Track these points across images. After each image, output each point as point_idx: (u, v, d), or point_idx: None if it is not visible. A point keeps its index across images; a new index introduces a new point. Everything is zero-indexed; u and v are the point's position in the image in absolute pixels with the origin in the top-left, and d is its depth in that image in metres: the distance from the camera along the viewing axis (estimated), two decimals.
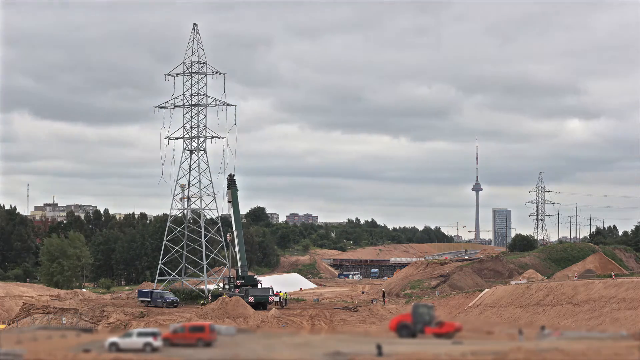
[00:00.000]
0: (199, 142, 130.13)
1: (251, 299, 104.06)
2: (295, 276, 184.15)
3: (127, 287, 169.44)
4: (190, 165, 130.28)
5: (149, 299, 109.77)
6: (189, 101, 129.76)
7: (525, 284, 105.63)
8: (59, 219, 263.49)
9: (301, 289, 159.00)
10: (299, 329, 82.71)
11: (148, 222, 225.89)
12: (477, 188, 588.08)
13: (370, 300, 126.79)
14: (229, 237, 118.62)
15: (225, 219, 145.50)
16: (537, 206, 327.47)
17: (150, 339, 41.91)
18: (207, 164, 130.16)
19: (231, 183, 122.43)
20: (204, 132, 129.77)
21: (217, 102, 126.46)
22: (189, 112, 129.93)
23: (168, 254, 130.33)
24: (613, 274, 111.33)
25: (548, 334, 46.67)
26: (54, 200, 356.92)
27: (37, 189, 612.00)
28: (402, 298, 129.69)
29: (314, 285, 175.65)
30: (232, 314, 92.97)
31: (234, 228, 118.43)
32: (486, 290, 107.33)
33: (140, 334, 42.71)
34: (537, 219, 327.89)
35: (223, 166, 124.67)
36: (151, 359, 40.08)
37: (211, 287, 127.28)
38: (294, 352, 40.35)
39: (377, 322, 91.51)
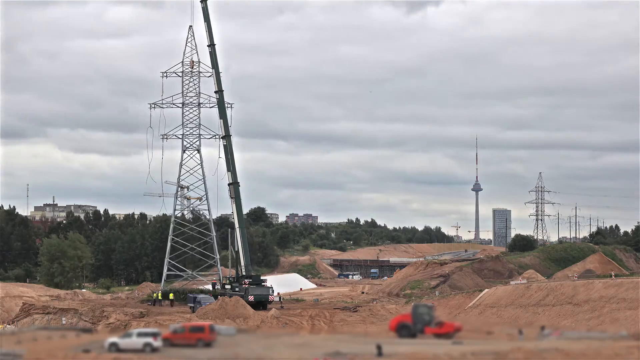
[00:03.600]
0: (192, 140, 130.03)
1: (251, 298, 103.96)
2: (295, 276, 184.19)
3: (127, 288, 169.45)
4: (180, 164, 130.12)
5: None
6: (186, 100, 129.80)
7: (525, 284, 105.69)
8: (58, 219, 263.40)
9: (301, 289, 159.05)
10: (299, 329, 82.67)
11: (148, 222, 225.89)
12: (477, 188, 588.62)
13: (370, 300, 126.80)
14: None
15: (225, 219, 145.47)
16: (537, 206, 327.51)
17: (150, 339, 41.92)
18: (201, 163, 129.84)
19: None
20: (199, 130, 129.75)
21: (213, 102, 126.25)
22: (187, 111, 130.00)
23: (173, 253, 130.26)
24: (613, 274, 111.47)
25: (548, 334, 46.68)
26: (53, 201, 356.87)
27: (37, 189, 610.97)
28: (402, 298, 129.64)
29: (314, 286, 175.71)
30: (232, 314, 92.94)
31: (236, 226, 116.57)
32: (486, 290, 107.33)
33: (140, 334, 42.73)
34: (537, 219, 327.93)
35: (220, 166, 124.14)
36: (151, 359, 40.10)
37: (210, 287, 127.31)
38: (294, 352, 40.36)
39: (377, 322, 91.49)
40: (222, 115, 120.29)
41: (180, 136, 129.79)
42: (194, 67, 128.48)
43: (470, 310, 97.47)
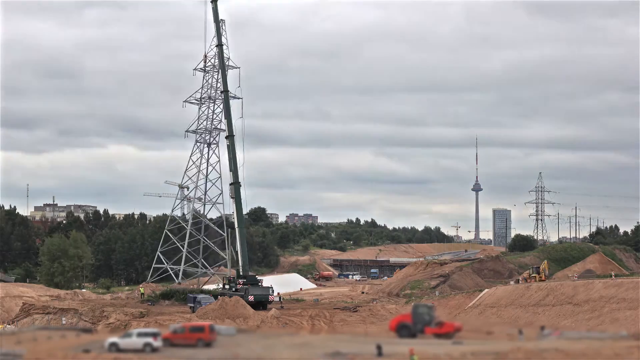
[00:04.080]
0: (207, 135, 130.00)
1: (251, 298, 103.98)
2: (295, 276, 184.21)
3: (127, 288, 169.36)
4: (205, 161, 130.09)
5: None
6: (206, 95, 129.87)
7: (525, 284, 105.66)
8: (58, 219, 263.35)
9: (301, 289, 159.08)
10: (299, 329, 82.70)
11: (148, 222, 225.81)
12: (477, 188, 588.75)
13: (370, 300, 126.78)
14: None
15: (225, 219, 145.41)
16: (537, 206, 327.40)
17: (150, 339, 41.94)
18: (218, 157, 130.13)
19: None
20: (220, 125, 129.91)
21: (230, 96, 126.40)
22: (207, 107, 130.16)
23: (171, 251, 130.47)
24: (613, 274, 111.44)
25: (548, 334, 46.70)
26: (53, 201, 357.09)
27: (37, 189, 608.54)
28: (402, 298, 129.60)
29: (314, 286, 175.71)
30: (232, 314, 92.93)
31: (236, 225, 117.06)
32: (486, 290, 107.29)
33: (140, 334, 42.75)
34: (537, 219, 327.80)
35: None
36: (151, 359, 40.11)
37: (212, 287, 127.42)
38: (294, 352, 40.37)
39: (377, 322, 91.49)
40: (227, 115, 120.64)
41: (197, 131, 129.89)
42: (207, 61, 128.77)
43: (470, 310, 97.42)
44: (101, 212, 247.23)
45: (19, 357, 37.78)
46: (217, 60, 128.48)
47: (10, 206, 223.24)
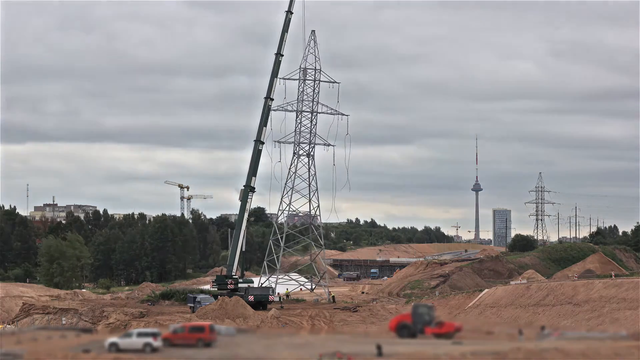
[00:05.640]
0: (310, 148, 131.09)
1: (251, 298, 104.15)
2: (294, 276, 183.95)
3: (127, 288, 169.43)
4: (296, 170, 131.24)
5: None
6: (301, 107, 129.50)
7: (525, 284, 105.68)
8: (58, 219, 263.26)
9: (301, 289, 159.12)
10: (299, 329, 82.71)
11: (148, 222, 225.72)
12: (477, 188, 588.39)
13: (370, 300, 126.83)
14: None
15: (225, 219, 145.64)
16: (537, 206, 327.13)
17: (150, 339, 41.97)
18: (307, 169, 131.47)
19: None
20: (315, 139, 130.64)
21: (331, 111, 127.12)
22: (299, 118, 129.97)
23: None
24: (613, 274, 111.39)
25: (548, 334, 46.74)
26: (53, 201, 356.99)
27: (37, 189, 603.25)
28: (402, 298, 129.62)
29: (314, 286, 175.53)
30: (232, 314, 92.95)
31: (243, 227, 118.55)
32: (486, 290, 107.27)
33: (140, 334, 42.78)
34: (537, 219, 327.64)
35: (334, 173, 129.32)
36: (151, 359, 40.13)
37: (206, 287, 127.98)
38: (294, 352, 40.39)
39: (377, 322, 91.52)
40: (264, 121, 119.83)
41: (294, 142, 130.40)
42: (307, 75, 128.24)
43: (470, 310, 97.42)
44: (101, 212, 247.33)
45: (19, 357, 37.82)
46: (315, 73, 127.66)
47: (10, 206, 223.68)
